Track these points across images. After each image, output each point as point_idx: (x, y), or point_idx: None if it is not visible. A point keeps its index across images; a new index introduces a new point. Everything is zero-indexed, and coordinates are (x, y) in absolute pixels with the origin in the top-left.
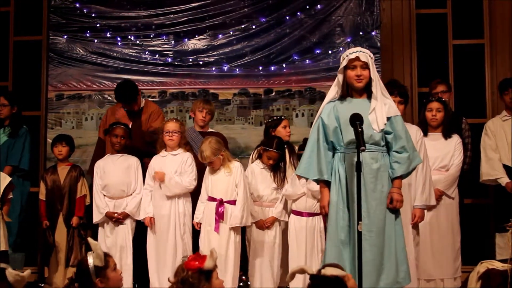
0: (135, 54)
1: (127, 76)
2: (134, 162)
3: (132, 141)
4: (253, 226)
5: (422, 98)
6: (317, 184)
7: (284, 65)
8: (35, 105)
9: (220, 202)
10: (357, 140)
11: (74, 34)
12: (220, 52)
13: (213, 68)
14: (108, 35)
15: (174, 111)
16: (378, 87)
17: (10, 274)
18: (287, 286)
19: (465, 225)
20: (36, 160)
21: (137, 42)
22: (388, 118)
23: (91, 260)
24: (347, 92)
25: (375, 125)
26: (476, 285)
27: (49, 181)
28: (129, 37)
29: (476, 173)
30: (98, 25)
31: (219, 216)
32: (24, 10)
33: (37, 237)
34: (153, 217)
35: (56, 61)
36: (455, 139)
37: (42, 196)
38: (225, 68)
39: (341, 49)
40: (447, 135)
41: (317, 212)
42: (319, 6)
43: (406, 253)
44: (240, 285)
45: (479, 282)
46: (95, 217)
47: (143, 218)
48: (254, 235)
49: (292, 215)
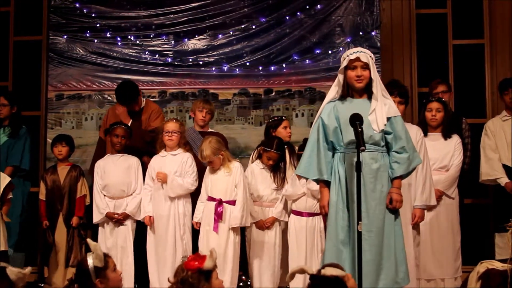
0: (135, 54)
1: (127, 76)
2: (135, 162)
3: (132, 141)
4: (253, 226)
5: (422, 98)
6: (317, 184)
7: (284, 65)
8: (35, 105)
9: (219, 202)
10: (357, 140)
11: (74, 34)
12: (220, 52)
13: (213, 68)
14: (108, 35)
15: (174, 111)
16: (379, 88)
17: (13, 272)
18: (287, 286)
19: (465, 225)
20: (36, 160)
21: (137, 42)
22: (388, 119)
23: (91, 261)
24: (348, 93)
25: (375, 125)
26: (476, 285)
27: (49, 181)
28: (129, 37)
29: (476, 173)
30: (98, 25)
31: (218, 216)
32: (24, 10)
33: (37, 237)
34: (153, 216)
35: (56, 61)
36: (455, 139)
37: (42, 196)
38: (225, 68)
39: (341, 49)
40: (447, 135)
41: (317, 212)
42: (319, 6)
43: (405, 254)
44: (240, 285)
45: (479, 282)
46: (95, 217)
47: (143, 218)
48: (254, 235)
49: (292, 215)
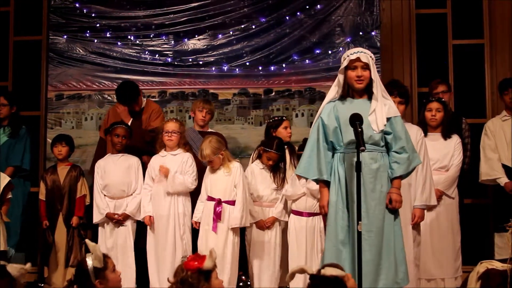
0: (135, 54)
1: (127, 76)
2: (135, 162)
3: (132, 140)
4: (253, 227)
5: (422, 98)
6: (317, 184)
7: (284, 65)
8: (35, 105)
9: (218, 202)
10: (357, 140)
11: (74, 34)
12: (220, 52)
13: (213, 68)
14: (108, 35)
15: (174, 111)
16: (379, 88)
17: (15, 269)
18: (287, 286)
19: (465, 225)
20: (36, 160)
21: (137, 42)
22: (388, 119)
23: (90, 262)
24: (348, 93)
25: (375, 126)
26: (476, 285)
27: (49, 181)
28: (129, 37)
29: (476, 173)
30: (98, 25)
31: (217, 216)
32: (24, 10)
33: (37, 237)
34: (153, 216)
35: (56, 61)
36: (455, 140)
37: (42, 196)
38: (225, 68)
39: (341, 49)
40: (447, 136)
41: (317, 212)
42: (319, 6)
43: (405, 254)
44: (240, 285)
45: (479, 282)
46: (95, 218)
47: (143, 218)
48: (254, 235)
49: (292, 215)
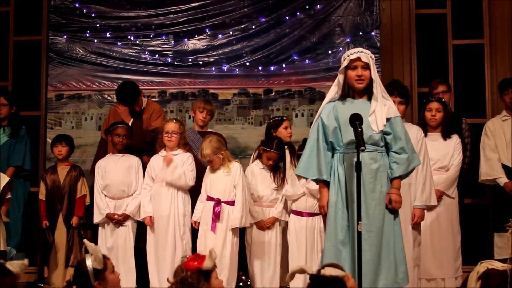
0: (135, 54)
1: (127, 76)
2: (135, 162)
3: (133, 140)
4: (253, 227)
5: (422, 98)
6: (316, 184)
7: (284, 65)
8: (35, 105)
9: (218, 202)
10: (357, 140)
11: (74, 34)
12: (220, 52)
13: (213, 68)
14: (108, 35)
15: (174, 111)
16: (379, 88)
17: (16, 265)
18: (287, 286)
19: (465, 225)
20: (36, 160)
21: (137, 42)
22: (388, 119)
23: (90, 263)
24: (348, 93)
25: (375, 126)
26: (476, 285)
27: (49, 181)
28: (129, 37)
29: (476, 173)
30: (98, 25)
31: (216, 216)
32: (24, 10)
33: (37, 237)
34: (153, 217)
35: (56, 61)
36: (455, 140)
37: (42, 196)
38: (225, 68)
39: (341, 49)
40: (447, 136)
41: (317, 212)
42: (319, 6)
43: (405, 254)
44: (240, 285)
45: (479, 282)
46: (96, 218)
47: (143, 218)
48: (254, 236)
49: (292, 215)
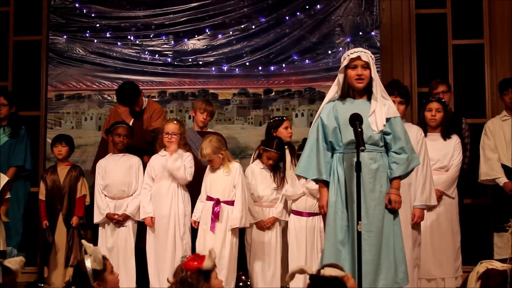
0: (135, 54)
1: (127, 76)
2: (136, 162)
3: (133, 140)
4: (253, 227)
5: (422, 98)
6: (316, 184)
7: (284, 65)
8: (35, 105)
9: (217, 202)
10: (357, 140)
11: (74, 34)
12: (220, 52)
13: (213, 68)
14: (108, 35)
15: (174, 111)
16: (378, 88)
17: (15, 262)
18: (287, 286)
19: (465, 225)
20: (36, 160)
21: (137, 42)
22: (388, 119)
23: (89, 264)
24: (347, 92)
25: (374, 126)
26: (476, 285)
27: (49, 181)
28: (129, 37)
29: (476, 173)
30: (98, 25)
31: (215, 216)
32: (24, 10)
33: (37, 237)
34: (154, 217)
35: (56, 61)
36: (454, 140)
37: (42, 196)
38: (225, 68)
39: (341, 49)
40: (446, 136)
41: (317, 212)
42: (319, 6)
43: (405, 254)
44: (240, 285)
45: (479, 282)
46: (96, 218)
47: (143, 218)
48: (254, 236)
49: (292, 215)
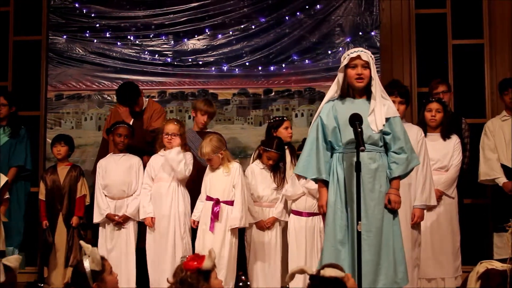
0: (135, 54)
1: (127, 76)
2: (136, 162)
3: (133, 140)
4: (253, 227)
5: (422, 98)
6: (315, 183)
7: (284, 65)
8: (35, 105)
9: (216, 202)
10: (357, 140)
11: (74, 34)
12: (220, 52)
13: (213, 68)
14: (108, 35)
15: (174, 111)
16: (378, 88)
17: (13, 260)
18: (287, 286)
19: (464, 225)
20: (36, 160)
21: (137, 42)
22: (387, 119)
23: (88, 265)
24: (347, 92)
25: (374, 126)
26: (476, 285)
27: (49, 181)
28: (129, 37)
29: (475, 173)
30: (98, 25)
31: (215, 216)
32: (24, 10)
33: (37, 237)
34: (154, 217)
35: (56, 61)
36: (454, 140)
37: (42, 196)
38: (225, 68)
39: (341, 49)
40: (446, 136)
41: (317, 212)
42: (319, 6)
43: (404, 254)
44: (240, 285)
45: (479, 282)
46: (96, 218)
47: (143, 218)
48: (254, 236)
49: (292, 215)
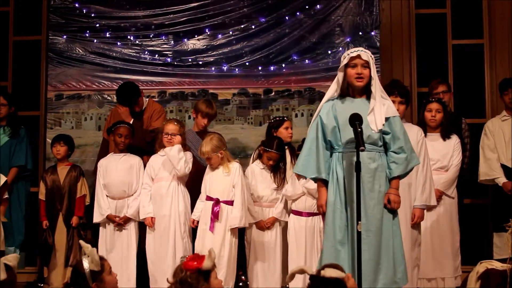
0: (135, 54)
1: (127, 76)
2: (137, 162)
3: (134, 140)
4: (253, 227)
5: (422, 98)
6: (315, 183)
7: (284, 65)
8: (35, 105)
9: (216, 202)
10: (357, 140)
11: (74, 34)
12: (220, 52)
13: (213, 68)
14: (108, 35)
15: (174, 111)
16: (377, 88)
17: (12, 258)
18: (287, 286)
19: (464, 225)
20: (36, 160)
21: (137, 42)
22: (387, 119)
23: (87, 265)
24: (347, 91)
25: (373, 125)
26: (475, 285)
27: (49, 181)
28: (129, 37)
29: (475, 173)
30: (98, 25)
31: (215, 216)
32: (24, 10)
33: (37, 237)
34: (154, 217)
35: (56, 61)
36: (454, 140)
37: (42, 196)
38: (225, 68)
39: (341, 49)
40: (446, 136)
41: (317, 212)
42: (319, 6)
43: (404, 253)
44: (240, 285)
45: (478, 282)
46: (96, 218)
47: (143, 218)
48: (254, 236)
49: (292, 215)
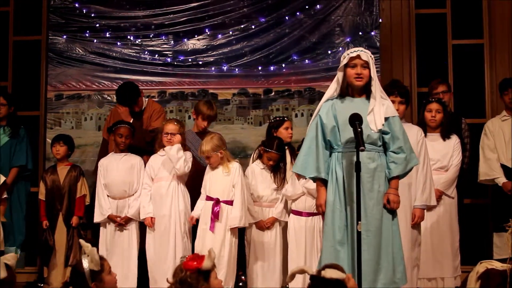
0: (135, 54)
1: (127, 76)
2: (137, 162)
3: (134, 140)
4: (253, 227)
5: (422, 98)
6: (314, 182)
7: (284, 65)
8: (35, 105)
9: (216, 202)
10: (357, 140)
11: (74, 34)
12: (220, 52)
13: (213, 68)
14: (108, 35)
15: (174, 111)
16: (377, 88)
17: (11, 257)
18: (287, 286)
19: (464, 225)
20: (36, 160)
21: (137, 42)
22: (386, 119)
23: (87, 265)
24: (347, 91)
25: (373, 125)
26: (475, 285)
27: (49, 181)
28: (129, 37)
29: (475, 173)
30: (98, 25)
31: (215, 216)
32: (24, 10)
33: (37, 237)
34: (154, 217)
35: (56, 61)
36: (454, 140)
37: (42, 196)
38: (225, 68)
39: (341, 49)
40: (446, 136)
41: (317, 212)
42: (319, 6)
43: (403, 253)
44: (240, 285)
45: (478, 282)
46: (96, 217)
47: (143, 218)
48: (254, 236)
49: (292, 215)
